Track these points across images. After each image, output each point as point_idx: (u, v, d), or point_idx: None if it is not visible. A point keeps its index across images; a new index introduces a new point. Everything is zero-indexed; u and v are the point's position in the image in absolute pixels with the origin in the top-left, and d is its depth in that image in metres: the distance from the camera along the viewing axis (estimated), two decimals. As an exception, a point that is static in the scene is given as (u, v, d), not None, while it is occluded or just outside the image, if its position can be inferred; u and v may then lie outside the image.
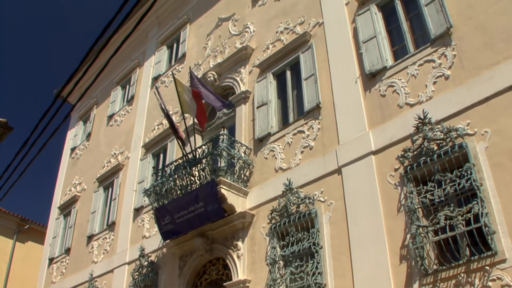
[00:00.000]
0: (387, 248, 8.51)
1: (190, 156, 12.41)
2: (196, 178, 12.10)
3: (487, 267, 7.21)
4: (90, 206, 18.69)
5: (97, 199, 18.47)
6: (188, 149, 12.78)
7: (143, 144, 17.14)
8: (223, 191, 11.34)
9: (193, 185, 12.12)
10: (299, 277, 9.84)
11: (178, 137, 13.07)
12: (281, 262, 10.26)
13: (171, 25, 19.59)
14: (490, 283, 7.10)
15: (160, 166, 15.78)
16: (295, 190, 10.66)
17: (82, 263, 17.67)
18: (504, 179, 7.52)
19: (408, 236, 8.24)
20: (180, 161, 12.74)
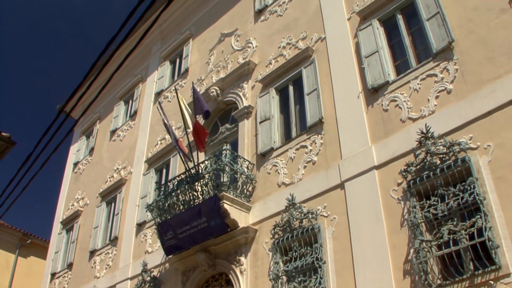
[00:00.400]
0: (391, 263, 8.47)
1: (193, 171, 12.41)
2: (199, 193, 12.09)
3: (491, 282, 7.16)
4: (92, 221, 18.67)
5: (99, 214, 18.45)
6: (191, 164, 12.77)
7: (146, 159, 17.15)
8: (226, 206, 11.31)
9: (196, 200, 12.10)
10: (302, 292, 9.80)
11: (181, 152, 13.08)
12: (284, 278, 10.20)
13: (174, 40, 19.70)
14: (495, 298, 7.06)
15: (163, 181, 15.76)
16: (298, 205, 10.63)
17: (84, 278, 17.61)
18: (508, 192, 7.50)
19: (412, 250, 8.20)
20: (183, 176, 12.74)
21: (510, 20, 8.71)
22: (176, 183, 12.89)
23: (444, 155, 8.42)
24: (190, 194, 12.25)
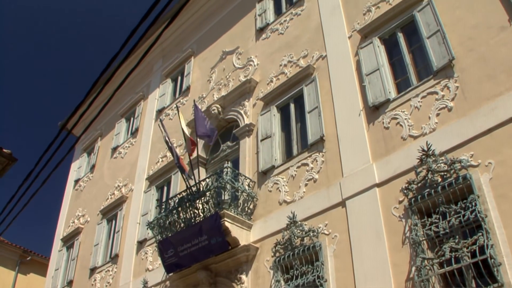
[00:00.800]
0: (392, 281, 8.41)
1: (194, 189, 12.39)
2: (200, 211, 12.07)
3: (494, 300, 7.12)
4: (93, 238, 18.61)
5: (100, 231, 18.39)
6: (192, 182, 12.76)
7: (147, 177, 17.14)
8: (227, 224, 11.29)
9: (197, 218, 12.07)
10: (304, 311, 9.73)
11: (182, 170, 13.09)
12: (285, 296, 10.15)
13: (175, 58, 19.80)
14: (498, 317, 7.01)
15: (164, 199, 15.75)
16: (299, 223, 10.60)
17: (84, 296, 17.51)
18: (509, 210, 7.47)
19: (413, 268, 8.16)
20: (184, 193, 12.71)
21: (510, 38, 8.76)
22: (177, 200, 12.87)
23: (445, 173, 8.41)
24: (191, 212, 12.23)
